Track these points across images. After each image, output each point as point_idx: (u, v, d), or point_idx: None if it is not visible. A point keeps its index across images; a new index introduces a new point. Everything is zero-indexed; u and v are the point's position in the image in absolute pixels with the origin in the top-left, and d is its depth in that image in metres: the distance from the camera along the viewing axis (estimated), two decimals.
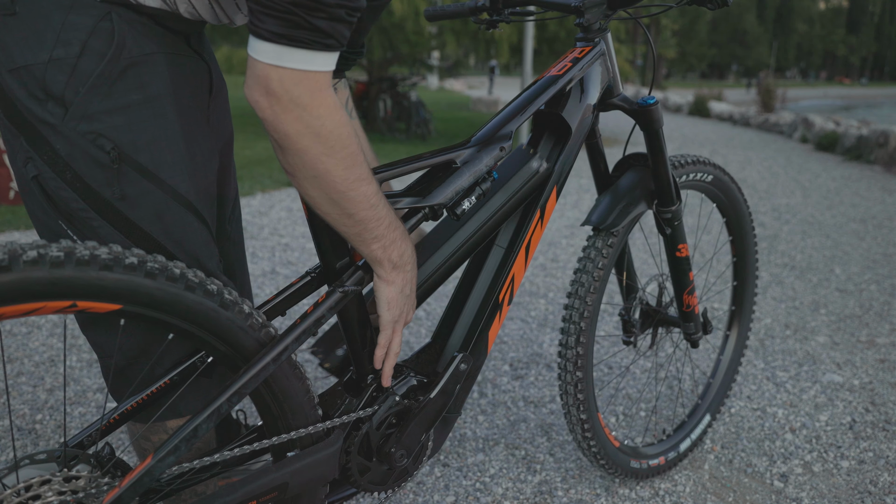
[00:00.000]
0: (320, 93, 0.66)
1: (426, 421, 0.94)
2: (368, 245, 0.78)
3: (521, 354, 1.96)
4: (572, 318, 1.13)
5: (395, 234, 0.80)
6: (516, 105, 0.96)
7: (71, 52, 0.67)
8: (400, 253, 0.81)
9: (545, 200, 1.01)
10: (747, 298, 1.48)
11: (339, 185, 0.71)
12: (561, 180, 1.03)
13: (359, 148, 0.72)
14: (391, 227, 0.79)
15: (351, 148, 0.71)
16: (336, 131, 0.68)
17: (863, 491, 1.35)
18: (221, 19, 0.78)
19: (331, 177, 0.71)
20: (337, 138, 0.69)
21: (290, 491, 0.82)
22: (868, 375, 1.87)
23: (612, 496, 1.32)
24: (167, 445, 0.70)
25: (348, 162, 0.71)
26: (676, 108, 14.25)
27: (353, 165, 0.72)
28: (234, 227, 0.95)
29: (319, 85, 0.66)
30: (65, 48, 0.67)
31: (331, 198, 0.73)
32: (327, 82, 0.67)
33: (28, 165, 0.72)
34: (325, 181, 0.71)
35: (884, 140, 6.17)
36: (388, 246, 0.79)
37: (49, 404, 1.60)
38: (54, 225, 0.74)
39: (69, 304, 0.64)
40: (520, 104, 0.96)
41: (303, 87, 0.65)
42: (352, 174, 0.72)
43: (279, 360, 0.76)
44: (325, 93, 0.67)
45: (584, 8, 1.04)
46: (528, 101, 0.97)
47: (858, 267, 2.94)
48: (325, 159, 0.69)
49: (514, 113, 0.95)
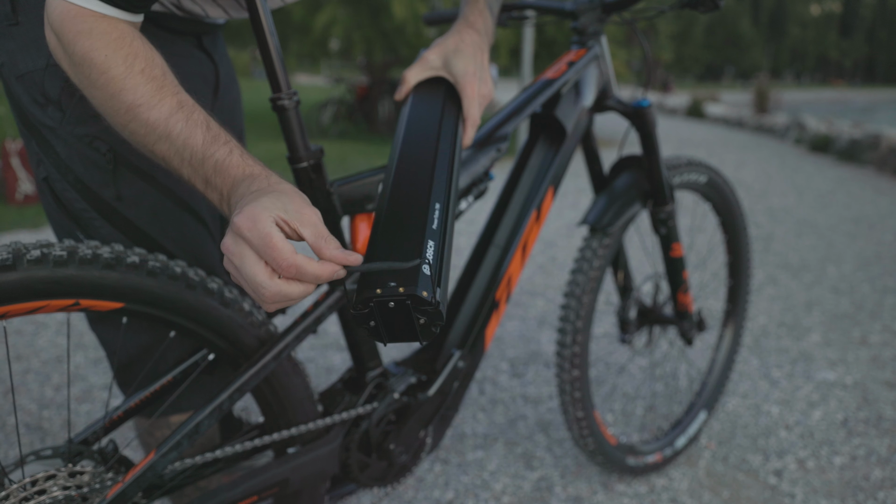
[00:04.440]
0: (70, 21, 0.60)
1: (425, 417, 0.95)
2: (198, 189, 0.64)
3: (520, 353, 1.97)
4: (569, 317, 1.14)
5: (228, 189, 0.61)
6: (513, 107, 0.98)
7: None
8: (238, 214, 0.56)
9: (541, 200, 1.03)
10: (742, 297, 1.50)
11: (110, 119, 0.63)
12: (557, 181, 1.05)
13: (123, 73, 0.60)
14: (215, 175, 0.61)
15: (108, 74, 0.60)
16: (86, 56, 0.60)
17: (855, 486, 1.37)
18: (194, 11, 0.78)
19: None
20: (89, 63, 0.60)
21: (290, 487, 0.83)
22: (861, 373, 1.89)
23: (610, 492, 1.33)
24: (170, 441, 0.71)
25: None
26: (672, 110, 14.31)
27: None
28: None
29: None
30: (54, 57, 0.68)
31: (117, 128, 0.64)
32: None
33: (39, 167, 0.74)
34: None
35: (876, 142, 6.22)
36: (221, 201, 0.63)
37: (56, 401, 1.61)
38: (66, 224, 0.75)
39: (72, 303, 0.65)
40: (516, 107, 0.98)
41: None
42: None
43: (280, 358, 0.77)
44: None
45: (578, 12, 1.06)
46: (524, 104, 0.98)
47: (851, 266, 2.97)
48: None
49: (511, 115, 0.97)
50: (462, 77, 0.81)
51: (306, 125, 0.79)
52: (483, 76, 0.83)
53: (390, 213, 0.64)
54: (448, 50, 0.83)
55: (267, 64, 0.73)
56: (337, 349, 1.95)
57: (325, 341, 2.00)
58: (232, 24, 6.99)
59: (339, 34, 7.45)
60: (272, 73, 0.73)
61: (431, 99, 0.81)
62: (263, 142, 6.31)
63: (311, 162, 0.77)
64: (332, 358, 1.90)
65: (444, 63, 0.83)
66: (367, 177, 0.84)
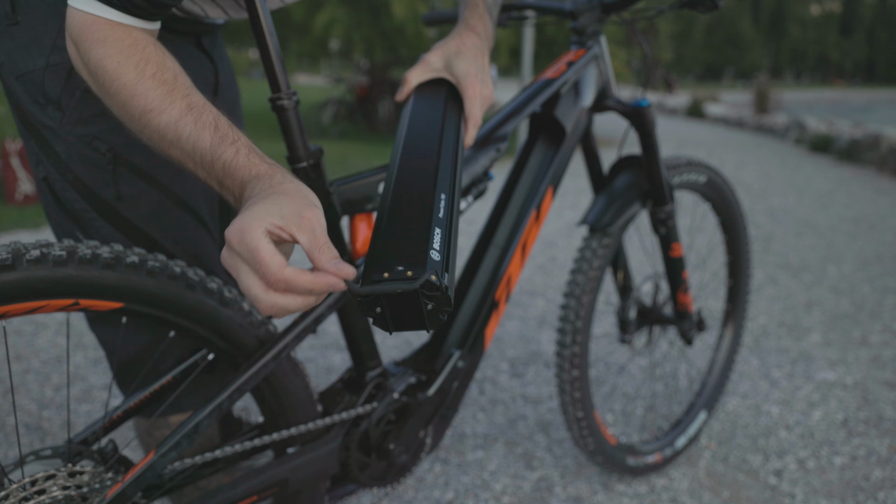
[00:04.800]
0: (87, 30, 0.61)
1: (424, 417, 0.95)
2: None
3: (520, 353, 1.97)
4: (569, 317, 1.14)
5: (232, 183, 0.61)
6: (512, 107, 0.98)
7: (66, 57, 0.68)
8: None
9: (541, 200, 1.03)
10: (742, 297, 1.50)
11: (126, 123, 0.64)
12: (557, 181, 1.05)
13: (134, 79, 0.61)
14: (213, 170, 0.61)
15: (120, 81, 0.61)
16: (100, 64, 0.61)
17: (855, 486, 1.37)
18: (194, 11, 0.79)
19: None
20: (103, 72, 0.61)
21: (290, 486, 0.83)
22: (861, 373, 1.89)
23: (610, 492, 1.33)
24: (169, 441, 0.71)
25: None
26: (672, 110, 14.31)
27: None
28: None
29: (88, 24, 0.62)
30: (60, 54, 0.68)
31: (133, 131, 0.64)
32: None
33: (39, 167, 0.74)
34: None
35: (876, 142, 6.22)
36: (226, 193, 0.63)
37: (55, 401, 1.61)
38: (66, 224, 0.75)
39: (72, 303, 0.65)
40: (516, 106, 0.98)
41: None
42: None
43: (279, 358, 0.77)
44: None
45: (578, 12, 1.06)
46: (523, 104, 0.98)
47: (851, 266, 2.97)
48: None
49: (510, 115, 0.97)
50: (464, 78, 0.82)
51: (306, 125, 0.79)
52: (484, 78, 0.83)
53: (395, 203, 0.64)
54: (450, 52, 0.84)
55: (266, 64, 0.74)
56: (337, 349, 1.95)
57: (325, 341, 2.00)
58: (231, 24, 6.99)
59: (339, 34, 7.45)
60: (272, 73, 0.73)
61: (433, 99, 0.81)
62: (263, 142, 6.27)
63: (310, 162, 0.77)
64: (332, 358, 1.90)
65: (445, 65, 0.84)
66: (367, 177, 0.84)
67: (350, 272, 0.54)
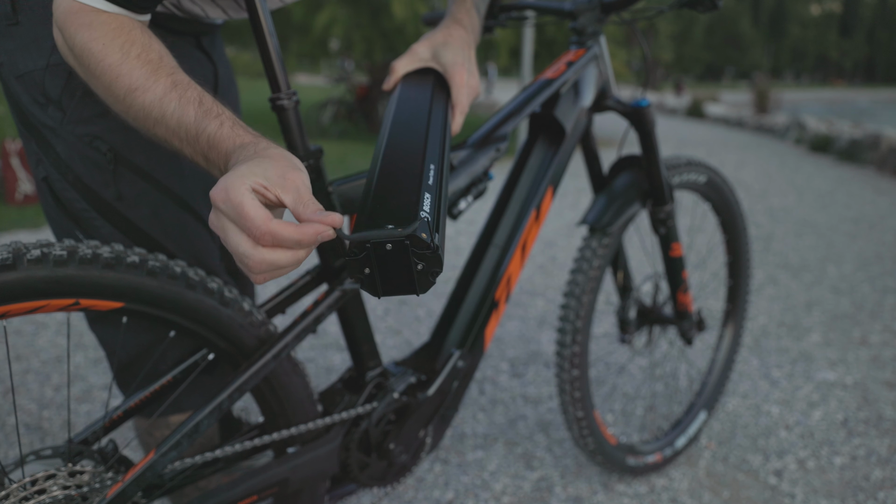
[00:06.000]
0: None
1: (424, 417, 0.95)
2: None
3: (520, 353, 1.97)
4: (569, 316, 1.14)
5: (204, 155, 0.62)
6: (512, 107, 0.98)
7: None
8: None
9: (540, 200, 1.03)
10: (742, 297, 1.50)
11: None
12: (556, 181, 1.05)
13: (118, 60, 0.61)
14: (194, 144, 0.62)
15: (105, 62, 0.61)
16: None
17: (855, 486, 1.37)
18: (195, 11, 0.79)
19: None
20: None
21: (290, 486, 0.83)
22: (861, 373, 1.89)
23: (610, 492, 1.33)
24: (169, 441, 0.71)
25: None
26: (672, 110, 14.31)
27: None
28: None
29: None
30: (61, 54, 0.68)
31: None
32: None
33: (39, 167, 0.74)
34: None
35: (876, 142, 6.22)
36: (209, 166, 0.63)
37: (55, 401, 1.61)
38: (65, 224, 0.75)
39: (72, 303, 0.65)
40: (515, 106, 0.98)
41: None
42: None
43: (279, 358, 0.77)
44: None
45: (577, 12, 1.06)
46: (523, 104, 0.98)
47: (851, 266, 2.97)
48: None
49: (510, 115, 0.97)
50: (451, 66, 0.83)
51: (306, 125, 0.79)
52: (471, 68, 0.85)
53: (385, 169, 0.63)
54: (437, 42, 0.85)
55: (266, 64, 0.74)
56: (337, 349, 1.95)
57: (325, 341, 2.00)
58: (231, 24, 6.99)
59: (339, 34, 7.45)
60: (271, 73, 0.73)
61: (421, 86, 0.83)
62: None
63: (310, 162, 0.78)
64: (332, 358, 1.90)
65: (433, 55, 0.85)
66: (367, 176, 0.84)
67: (337, 220, 0.53)
